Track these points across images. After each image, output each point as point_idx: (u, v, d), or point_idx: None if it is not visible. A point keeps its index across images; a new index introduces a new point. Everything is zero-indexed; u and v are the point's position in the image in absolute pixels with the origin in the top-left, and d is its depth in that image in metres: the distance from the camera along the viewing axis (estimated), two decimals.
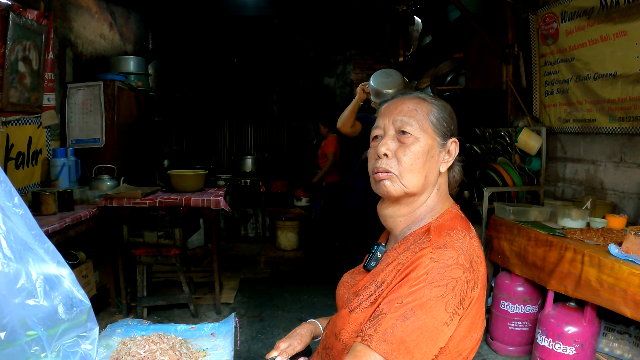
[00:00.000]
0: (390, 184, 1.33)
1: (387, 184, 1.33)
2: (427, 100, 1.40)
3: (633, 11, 3.32)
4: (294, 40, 8.52)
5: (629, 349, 2.95)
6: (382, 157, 1.34)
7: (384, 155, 1.33)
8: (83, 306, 1.30)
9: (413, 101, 1.38)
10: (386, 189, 1.34)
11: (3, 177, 1.16)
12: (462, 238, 1.26)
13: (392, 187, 1.33)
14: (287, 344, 1.51)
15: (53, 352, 1.22)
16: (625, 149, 3.64)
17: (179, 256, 4.27)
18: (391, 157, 1.33)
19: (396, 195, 1.34)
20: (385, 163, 1.33)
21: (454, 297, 1.17)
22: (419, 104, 1.38)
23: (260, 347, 3.86)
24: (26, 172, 4.08)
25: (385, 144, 1.34)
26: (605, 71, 3.67)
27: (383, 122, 1.39)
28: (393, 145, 1.34)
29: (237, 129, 8.42)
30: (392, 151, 1.33)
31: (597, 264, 2.74)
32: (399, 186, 1.32)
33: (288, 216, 7.18)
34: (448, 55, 5.73)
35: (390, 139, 1.35)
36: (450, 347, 1.23)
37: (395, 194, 1.34)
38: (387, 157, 1.33)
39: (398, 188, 1.33)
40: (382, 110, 1.43)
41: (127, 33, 6.69)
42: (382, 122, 1.40)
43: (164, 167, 6.84)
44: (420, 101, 1.39)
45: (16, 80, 3.78)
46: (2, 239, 1.11)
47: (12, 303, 1.12)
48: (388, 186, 1.33)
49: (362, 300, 1.31)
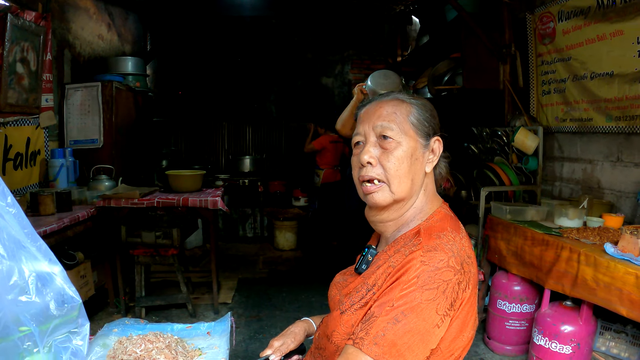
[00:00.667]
0: (378, 195, 1.33)
1: (376, 196, 1.33)
2: (406, 101, 1.38)
3: (629, 10, 3.32)
4: (291, 40, 8.53)
5: (625, 348, 2.96)
6: (366, 165, 1.33)
7: (368, 163, 1.33)
8: (74, 303, 1.31)
9: (391, 104, 1.37)
10: (374, 201, 1.34)
11: None
12: (453, 239, 1.26)
13: (380, 198, 1.33)
14: (280, 342, 1.51)
15: (45, 347, 1.23)
16: (622, 148, 3.65)
17: (177, 256, 4.28)
18: (375, 165, 1.32)
19: (385, 205, 1.34)
20: (371, 171, 1.32)
21: (445, 299, 1.17)
22: (397, 106, 1.36)
23: (258, 347, 3.87)
24: (24, 172, 4.08)
25: (367, 151, 1.33)
26: (602, 70, 3.68)
27: (363, 128, 1.38)
28: (375, 152, 1.33)
29: (236, 129, 8.42)
30: (375, 158, 1.32)
31: (593, 263, 2.75)
32: (387, 195, 1.32)
33: (286, 216, 7.18)
34: (445, 55, 5.73)
35: (372, 145, 1.34)
36: (442, 348, 1.23)
37: (384, 204, 1.34)
38: (371, 165, 1.32)
39: (387, 197, 1.32)
40: (362, 116, 1.41)
41: (125, 34, 6.70)
42: (362, 129, 1.38)
43: (162, 167, 6.84)
44: (398, 103, 1.37)
45: (14, 82, 3.78)
46: None
47: (5, 299, 1.13)
48: (376, 198, 1.33)
49: (353, 302, 1.31)
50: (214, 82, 8.45)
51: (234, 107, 8.49)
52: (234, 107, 8.49)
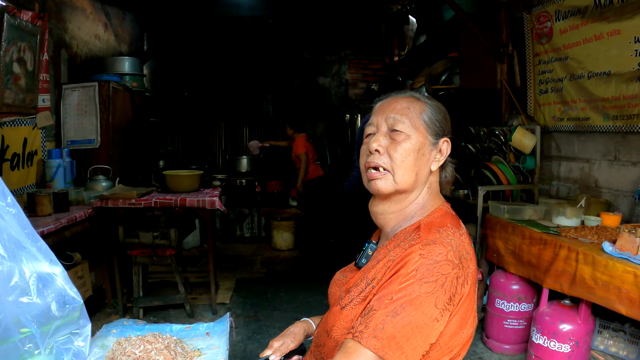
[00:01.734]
0: (381, 183, 1.35)
1: (379, 182, 1.35)
2: (421, 100, 1.42)
3: (627, 10, 3.33)
4: (288, 40, 8.53)
5: (623, 346, 2.97)
6: (374, 152, 1.36)
7: (376, 151, 1.35)
8: (75, 303, 1.31)
9: (406, 100, 1.40)
10: (377, 187, 1.36)
11: None
12: (452, 235, 1.27)
13: (383, 185, 1.35)
14: (280, 342, 1.52)
15: (46, 349, 1.23)
16: (620, 147, 3.65)
17: (175, 256, 4.27)
18: (383, 153, 1.35)
19: (387, 192, 1.36)
20: (378, 158, 1.35)
21: (443, 293, 1.19)
22: (412, 102, 1.39)
23: (256, 347, 3.86)
24: (21, 173, 4.07)
25: (377, 140, 1.36)
26: (599, 70, 3.69)
27: (376, 119, 1.41)
28: (385, 142, 1.36)
29: (233, 129, 8.40)
30: (383, 147, 1.35)
31: (591, 262, 2.76)
32: (390, 184, 1.34)
33: (283, 216, 7.18)
34: (443, 55, 5.74)
35: (382, 135, 1.37)
36: (441, 343, 1.24)
37: (386, 191, 1.36)
38: (379, 152, 1.35)
39: (390, 186, 1.35)
40: (376, 108, 1.45)
41: (122, 33, 6.68)
42: (375, 120, 1.42)
43: (159, 167, 6.83)
44: (413, 100, 1.41)
45: (11, 82, 3.77)
46: None
47: (5, 301, 1.13)
48: (379, 185, 1.35)
49: (353, 297, 1.33)
50: (211, 82, 8.43)
51: (231, 107, 8.49)
52: (231, 106, 8.48)
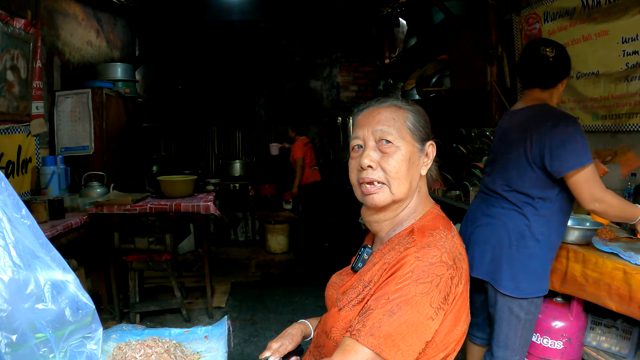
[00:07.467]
0: (378, 196, 1.37)
1: (376, 197, 1.37)
2: (402, 107, 1.43)
3: (614, 11, 3.38)
4: (280, 44, 8.55)
5: (615, 342, 3.00)
6: (367, 168, 1.36)
7: (369, 167, 1.36)
8: (88, 309, 1.35)
9: (389, 110, 1.41)
10: (374, 202, 1.38)
11: (11, 191, 1.22)
12: (445, 237, 1.31)
13: (381, 198, 1.37)
14: (279, 344, 1.54)
15: (61, 352, 1.27)
16: (609, 146, 3.69)
17: (170, 261, 4.28)
18: (375, 168, 1.36)
19: (384, 205, 1.39)
20: (372, 174, 1.36)
21: (438, 293, 1.22)
22: (395, 112, 1.41)
23: (253, 350, 3.88)
24: (16, 180, 4.07)
25: (367, 155, 1.37)
26: (588, 70, 3.74)
27: (362, 132, 1.41)
28: (375, 156, 1.37)
29: (225, 133, 8.41)
30: (375, 162, 1.36)
31: (581, 260, 2.80)
32: (387, 196, 1.36)
33: (277, 219, 7.20)
34: (433, 57, 5.78)
35: (371, 149, 1.38)
36: (437, 341, 1.28)
37: (384, 204, 1.38)
38: (372, 168, 1.36)
39: (387, 198, 1.37)
40: (360, 120, 1.44)
41: (114, 40, 6.69)
42: (361, 133, 1.41)
43: (153, 173, 6.83)
44: (396, 109, 1.42)
45: (5, 89, 3.77)
46: (12, 248, 1.17)
47: (22, 308, 1.17)
48: (376, 199, 1.37)
49: (350, 298, 1.36)
50: (204, 87, 8.43)
51: (224, 111, 8.48)
52: (223, 111, 8.48)
